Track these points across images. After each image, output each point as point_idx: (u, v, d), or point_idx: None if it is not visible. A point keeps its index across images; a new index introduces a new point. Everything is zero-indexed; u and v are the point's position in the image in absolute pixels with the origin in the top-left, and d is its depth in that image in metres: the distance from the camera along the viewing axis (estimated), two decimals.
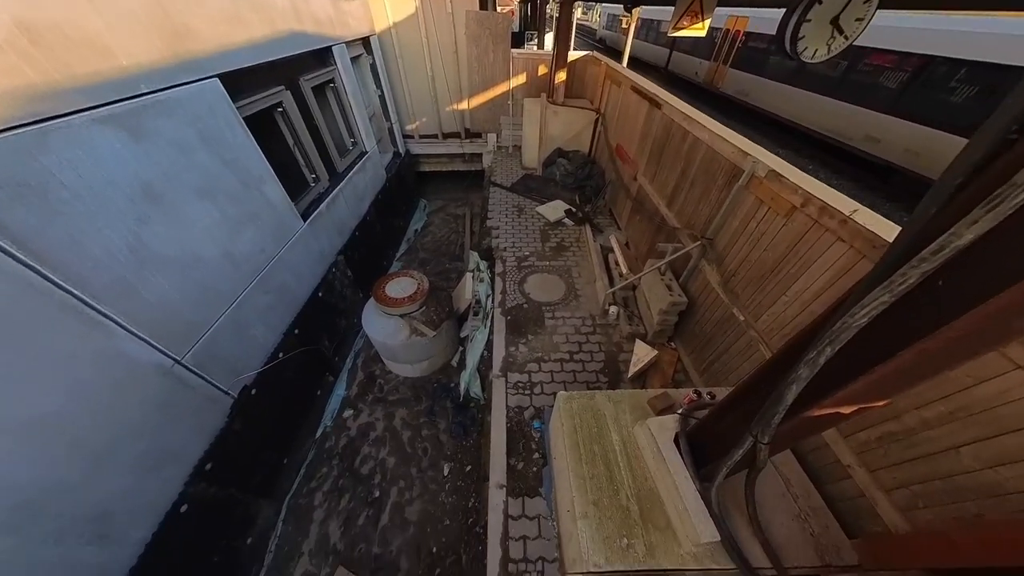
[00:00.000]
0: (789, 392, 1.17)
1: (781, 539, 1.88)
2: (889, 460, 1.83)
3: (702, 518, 1.76)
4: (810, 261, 2.32)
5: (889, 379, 1.04)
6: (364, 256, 5.86)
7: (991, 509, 1.44)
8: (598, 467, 2.21)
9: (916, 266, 0.84)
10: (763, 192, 2.70)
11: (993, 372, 1.44)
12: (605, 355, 4.10)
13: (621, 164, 5.89)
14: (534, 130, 7.44)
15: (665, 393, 2.50)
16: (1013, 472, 1.38)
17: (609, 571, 1.87)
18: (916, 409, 1.69)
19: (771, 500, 2.02)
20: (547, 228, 6.23)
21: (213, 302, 3.01)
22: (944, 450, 1.59)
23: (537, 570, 2.58)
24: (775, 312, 2.63)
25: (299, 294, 4.21)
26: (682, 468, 1.92)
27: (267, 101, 3.86)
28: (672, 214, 4.17)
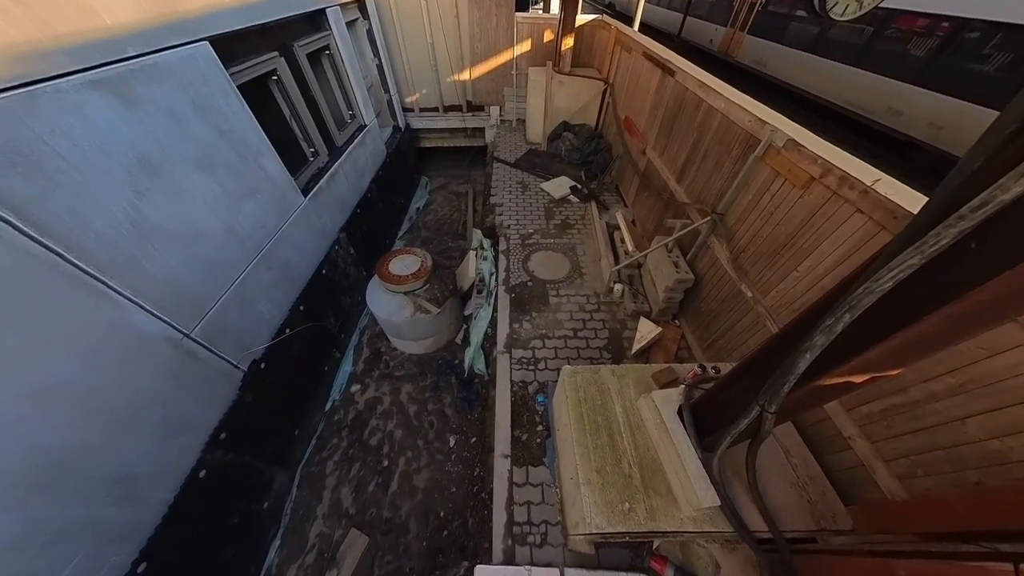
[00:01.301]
0: (802, 360, 1.15)
1: (778, 505, 1.94)
2: (891, 432, 1.85)
3: (703, 485, 1.81)
4: (825, 235, 2.26)
5: (909, 346, 1.02)
6: (366, 234, 5.80)
7: (992, 477, 1.46)
8: (601, 437, 2.26)
9: (953, 224, 0.80)
10: (780, 163, 2.59)
11: (1007, 345, 1.42)
12: (609, 332, 4.11)
13: (629, 138, 5.67)
14: (539, 102, 7.14)
15: (669, 367, 2.52)
16: (1019, 442, 1.39)
17: (610, 532, 1.95)
18: (923, 382, 1.69)
19: (771, 469, 2.07)
20: (552, 205, 6.10)
21: (218, 277, 3.01)
22: (950, 421, 1.60)
23: (540, 532, 2.71)
24: (784, 288, 2.59)
25: (303, 271, 4.20)
26: (685, 438, 1.96)
27: (261, 68, 3.69)
28: (681, 189, 4.05)
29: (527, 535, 2.71)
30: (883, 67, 8.25)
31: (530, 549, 2.65)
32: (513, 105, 8.28)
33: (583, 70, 7.18)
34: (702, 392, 2.06)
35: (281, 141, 3.85)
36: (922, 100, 7.53)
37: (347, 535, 3.57)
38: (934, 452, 1.67)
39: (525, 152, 7.55)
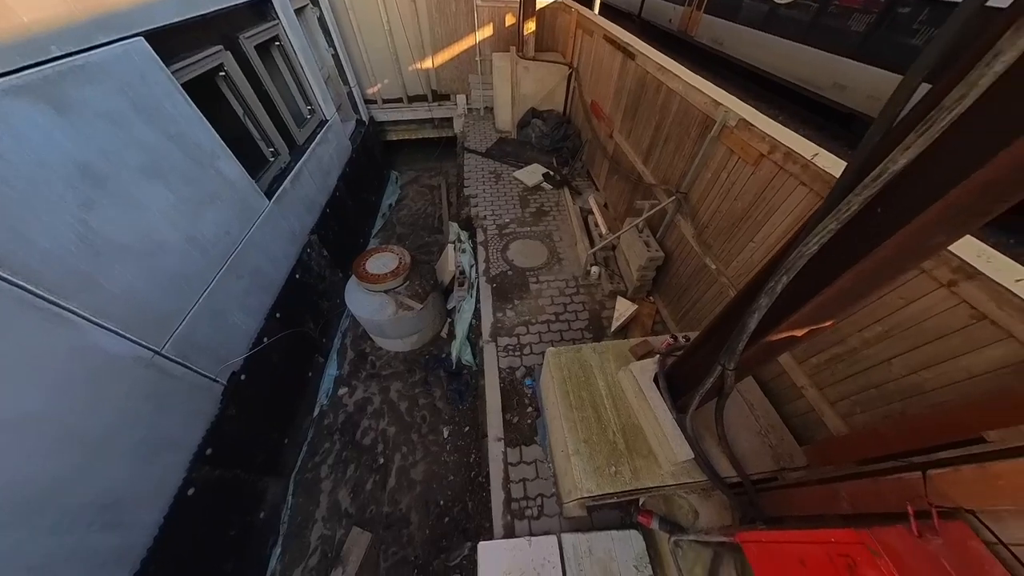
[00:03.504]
0: (751, 320, 1.31)
1: (745, 452, 2.17)
2: (835, 378, 2.10)
3: (679, 441, 2.00)
4: (775, 207, 2.46)
5: (835, 300, 1.18)
6: (338, 234, 5.64)
7: (912, 406, 1.72)
8: (587, 411, 2.42)
9: (859, 193, 0.94)
10: (733, 142, 2.77)
11: (919, 293, 1.65)
12: (589, 313, 4.29)
13: (597, 122, 5.77)
14: (505, 89, 7.07)
15: (645, 340, 2.70)
16: (931, 373, 1.64)
17: (600, 495, 2.13)
18: (859, 331, 1.93)
19: (737, 421, 2.30)
20: (526, 193, 6.15)
21: (184, 290, 2.88)
22: (879, 363, 1.85)
23: (537, 505, 2.87)
24: (743, 259, 2.81)
25: (275, 277, 4.07)
26: (661, 402, 2.14)
27: (206, 64, 3.45)
28: (648, 171, 4.21)
29: (525, 509, 2.87)
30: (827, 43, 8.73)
31: (528, 522, 2.81)
32: (479, 93, 8.15)
33: (547, 55, 7.15)
34: (674, 359, 2.24)
35: (238, 142, 3.65)
36: (862, 74, 8.07)
37: (349, 534, 3.62)
38: (868, 391, 1.92)
39: (496, 141, 7.50)
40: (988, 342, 1.44)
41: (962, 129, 0.77)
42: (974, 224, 0.92)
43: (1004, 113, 0.73)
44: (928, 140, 0.80)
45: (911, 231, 0.92)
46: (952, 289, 1.53)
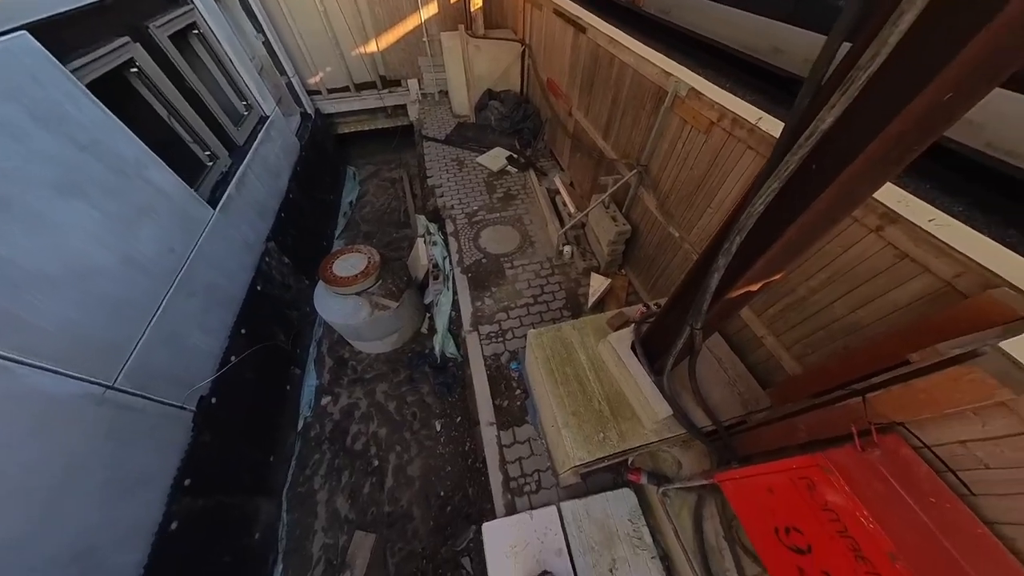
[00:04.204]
0: (713, 280, 1.40)
1: (717, 402, 2.36)
2: (789, 325, 2.31)
3: (658, 401, 2.14)
4: (727, 172, 2.59)
5: (781, 254, 1.29)
6: (298, 239, 5.32)
7: (852, 341, 1.94)
8: (572, 385, 2.51)
9: (796, 152, 1.01)
10: (685, 111, 2.86)
11: (853, 240, 1.83)
12: (565, 292, 4.38)
13: (555, 100, 5.72)
14: (458, 71, 6.80)
15: (620, 312, 2.81)
16: (866, 311, 1.85)
17: (592, 460, 2.25)
18: (805, 281, 2.12)
19: (709, 376, 2.48)
20: (491, 179, 6.05)
21: (129, 316, 2.63)
22: (825, 307, 2.05)
23: (534, 480, 3.00)
24: (703, 224, 2.96)
25: (234, 291, 3.80)
26: (639, 367, 2.26)
27: (112, 59, 3.04)
28: (609, 146, 4.27)
29: (523, 486, 2.98)
30: (764, 8, 9.04)
31: (528, 497, 2.93)
32: (432, 76, 7.79)
33: (498, 32, 6.91)
34: (648, 326, 2.37)
35: (167, 148, 3.30)
36: (797, 38, 8.48)
37: (352, 538, 3.61)
38: (817, 333, 2.14)
39: (454, 126, 7.26)
40: (909, 277, 1.64)
41: (877, 86, 0.85)
42: (892, 172, 1.03)
43: (909, 69, 0.81)
44: (850, 98, 0.87)
45: (841, 183, 1.01)
46: (879, 234, 1.70)
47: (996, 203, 4.57)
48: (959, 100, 0.82)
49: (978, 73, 0.77)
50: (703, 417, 2.27)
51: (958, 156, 4.41)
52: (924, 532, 1.21)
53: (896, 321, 1.71)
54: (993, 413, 1.17)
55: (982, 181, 4.81)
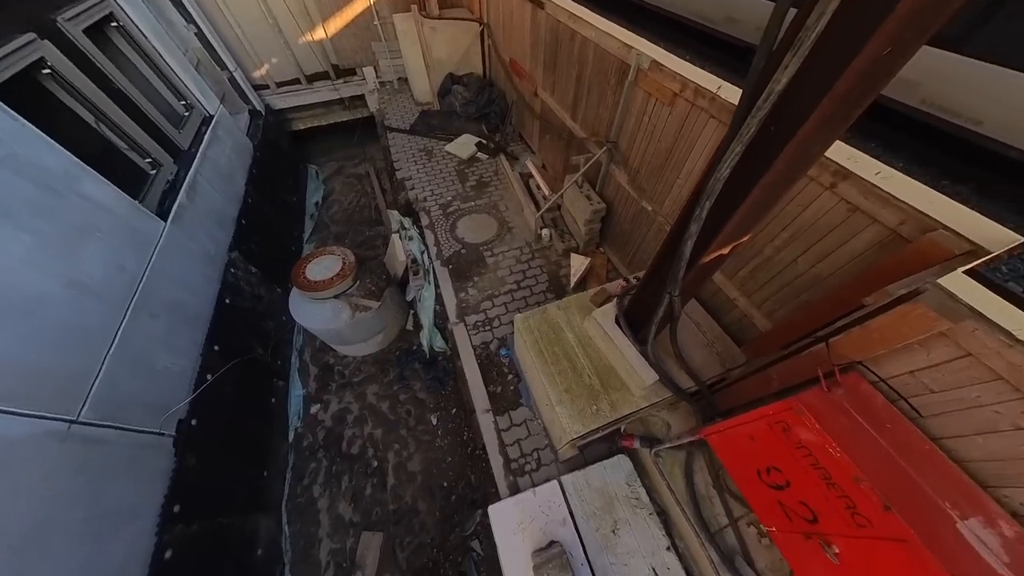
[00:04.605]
0: (687, 247, 1.46)
1: (699, 364, 2.50)
2: (758, 285, 2.45)
3: (645, 369, 2.23)
4: (693, 142, 2.66)
5: (747, 216, 1.35)
6: (264, 246, 5.04)
7: (815, 293, 2.08)
8: (562, 363, 2.58)
9: (755, 115, 1.05)
10: (649, 85, 2.88)
11: (811, 199, 1.95)
12: (548, 275, 4.43)
13: (519, 81, 5.60)
14: (416, 55, 6.50)
15: (602, 288, 2.88)
16: (825, 264, 1.99)
17: (587, 432, 2.34)
18: (770, 242, 2.25)
19: (689, 340, 2.61)
20: (462, 167, 5.92)
21: (85, 344, 2.44)
22: (789, 264, 2.19)
23: (534, 459, 3.09)
24: (674, 196, 3.04)
25: (200, 307, 3.58)
26: (624, 339, 2.35)
27: (17, 60, 2.69)
28: (577, 125, 4.26)
29: (524, 466, 3.07)
30: None
31: (529, 476, 3.02)
32: (389, 63, 7.40)
33: (454, 11, 6.61)
34: (629, 299, 2.44)
35: (101, 158, 3.00)
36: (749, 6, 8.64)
37: (360, 539, 3.61)
38: (783, 290, 2.28)
39: (418, 115, 6.98)
40: (861, 228, 1.77)
41: (824, 45, 0.89)
42: (840, 129, 1.09)
43: (851, 27, 0.85)
44: (800, 58, 0.91)
45: (797, 142, 1.07)
46: (833, 190, 1.82)
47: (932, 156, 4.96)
48: (896, 54, 0.87)
49: (910, 28, 0.82)
50: (687, 379, 2.39)
51: (898, 114, 4.72)
52: (883, 455, 1.35)
53: (852, 270, 1.85)
54: (935, 343, 1.31)
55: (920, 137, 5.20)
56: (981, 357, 1.19)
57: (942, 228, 1.47)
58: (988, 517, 1.22)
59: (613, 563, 2.35)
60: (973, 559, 1.14)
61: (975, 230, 1.41)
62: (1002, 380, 1.17)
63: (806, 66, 0.93)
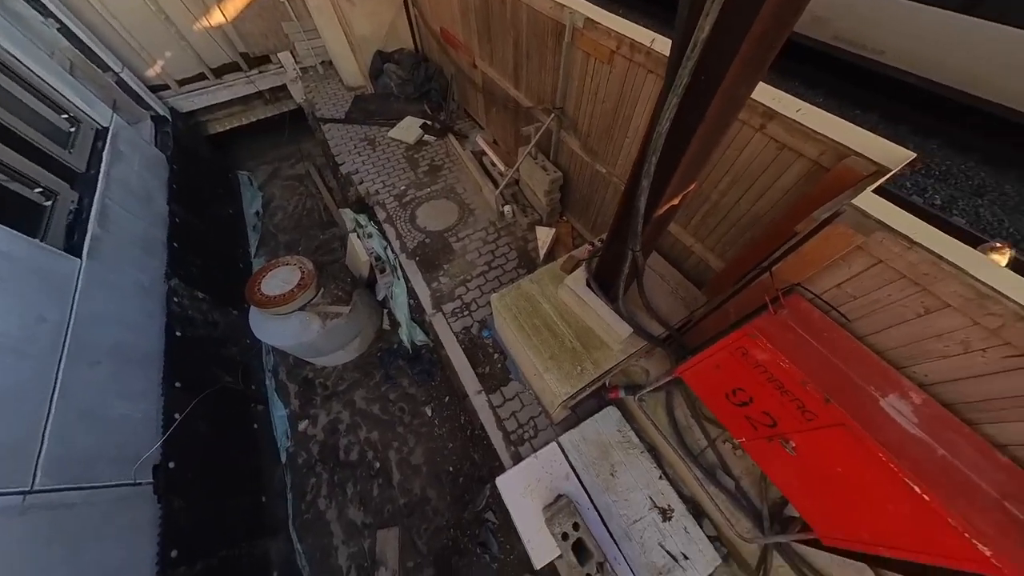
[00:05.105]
0: (640, 202, 1.53)
1: (667, 311, 2.69)
2: (709, 230, 2.64)
3: (619, 323, 2.38)
4: (636, 99, 2.71)
5: (691, 165, 1.44)
6: (206, 268, 4.60)
7: (757, 230, 2.28)
8: (543, 333, 2.67)
9: (686, 66, 1.10)
10: (586, 44, 2.85)
11: (745, 142, 2.09)
12: (516, 252, 4.45)
13: (454, 52, 5.30)
14: (336, 34, 5.90)
15: (570, 256, 2.96)
16: (763, 201, 2.17)
17: (576, 392, 2.49)
18: (715, 188, 2.40)
19: (656, 291, 2.79)
20: (410, 153, 5.64)
21: (17, 408, 2.17)
22: (733, 206, 2.36)
23: (531, 427, 3.25)
24: (625, 155, 3.12)
25: (148, 345, 3.27)
26: (597, 300, 2.46)
27: None
28: (522, 94, 4.16)
29: (523, 435, 3.22)
30: None
31: (529, 443, 3.19)
32: (307, 45, 6.67)
33: None
34: (597, 262, 2.54)
35: None
36: None
37: (376, 537, 3.68)
38: (730, 231, 2.47)
39: (352, 101, 6.46)
40: (789, 164, 1.94)
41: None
42: (761, 70, 1.17)
43: None
44: (719, 5, 0.95)
45: (725, 88, 1.13)
46: (763, 132, 1.96)
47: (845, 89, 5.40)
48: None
49: None
50: (658, 326, 2.58)
51: (814, 52, 5.05)
52: (821, 358, 1.57)
53: (785, 204, 2.04)
54: (854, 256, 1.51)
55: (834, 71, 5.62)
56: (888, 261, 1.39)
57: (854, 154, 1.65)
58: (902, 392, 1.48)
59: (615, 501, 2.60)
60: (893, 426, 1.39)
61: (880, 152, 1.60)
62: (905, 278, 1.38)
63: (725, 13, 0.97)
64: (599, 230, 4.05)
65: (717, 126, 1.30)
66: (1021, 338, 1.18)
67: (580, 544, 2.29)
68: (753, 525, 2.27)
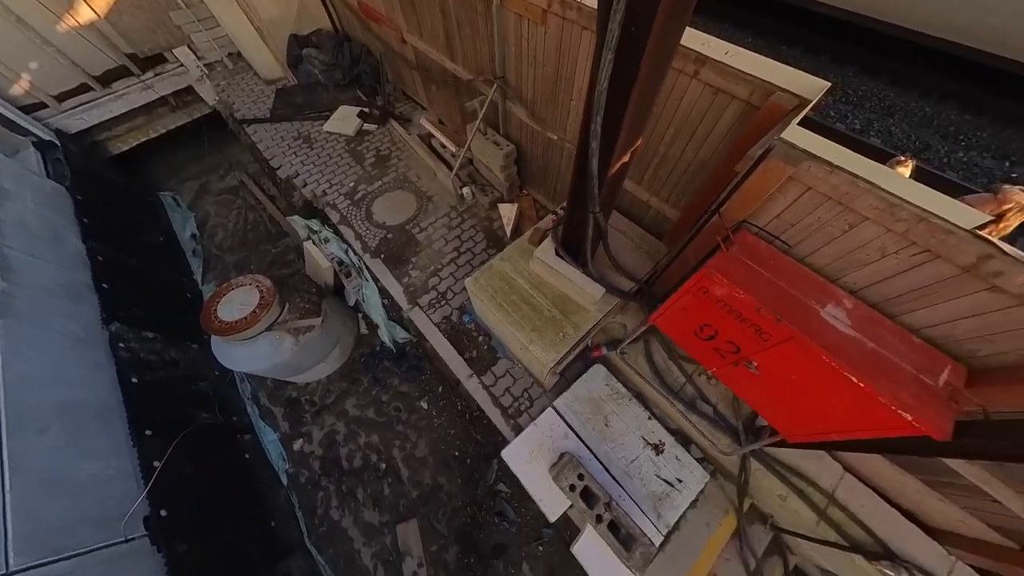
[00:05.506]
0: (593, 164, 1.56)
1: (634, 266, 2.82)
2: (662, 182, 2.74)
3: (591, 285, 2.47)
4: (575, 59, 2.67)
5: (634, 120, 1.47)
6: (149, 305, 4.19)
7: (704, 176, 2.41)
8: (522, 308, 2.73)
9: (614, 19, 1.10)
10: (516, 5, 2.73)
11: (682, 91, 2.15)
12: (483, 233, 4.41)
13: (379, 28, 4.89)
14: (238, 20, 5.22)
15: (535, 228, 2.99)
16: (707, 147, 2.27)
17: (561, 358, 2.60)
18: (661, 140, 2.48)
19: (622, 249, 2.90)
20: (353, 145, 5.27)
21: None
22: (679, 156, 2.46)
23: (526, 398, 3.38)
24: (572, 119, 3.10)
25: (101, 399, 3.00)
26: (567, 266, 2.53)
27: None
28: (460, 67, 3.96)
29: (519, 408, 3.36)
30: None
31: (527, 414, 3.33)
32: (206, 36, 5.85)
33: None
34: (561, 229, 2.58)
35: None
36: None
37: (396, 532, 3.78)
38: (681, 180, 2.59)
39: (275, 96, 5.85)
40: (724, 107, 2.03)
41: None
42: (686, 14, 1.19)
43: None
44: None
45: (655, 38, 1.15)
46: (697, 78, 2.02)
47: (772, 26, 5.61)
48: None
49: None
50: (628, 282, 2.71)
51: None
52: (770, 284, 1.74)
53: (725, 147, 2.15)
54: (788, 187, 1.64)
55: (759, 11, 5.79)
56: (816, 187, 1.54)
57: (779, 90, 1.76)
58: (837, 300, 1.68)
59: (612, 447, 2.82)
60: (832, 332, 1.59)
61: (801, 85, 1.71)
62: (831, 200, 1.54)
63: None
64: (560, 198, 4.08)
65: (654, 77, 1.33)
66: (923, 237, 1.38)
67: (587, 491, 2.48)
68: (732, 441, 2.56)
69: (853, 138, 5.32)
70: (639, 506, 2.59)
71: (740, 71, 1.82)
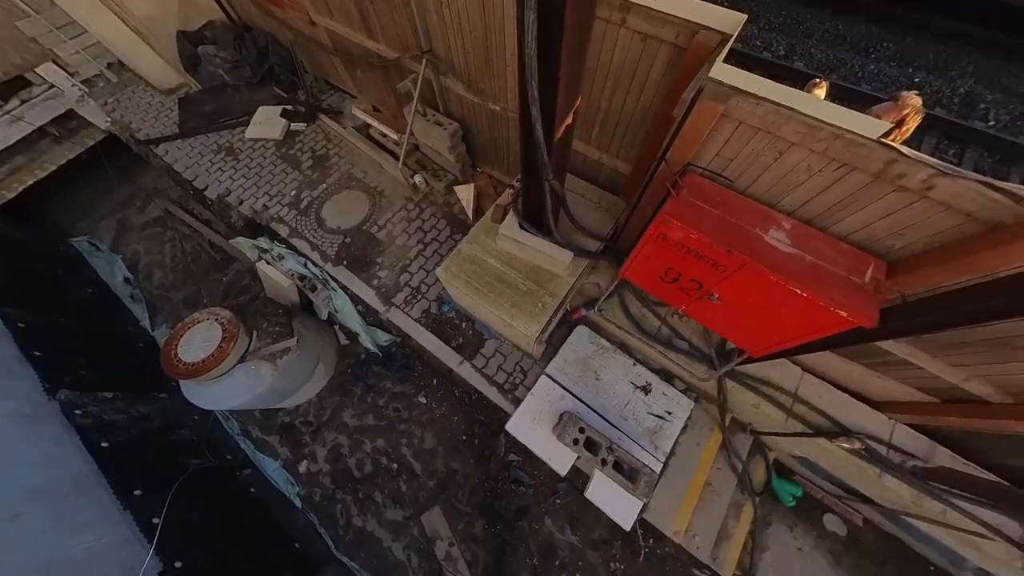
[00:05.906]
0: (537, 131, 1.55)
1: (597, 225, 2.89)
2: (609, 138, 2.77)
3: (560, 252, 2.53)
4: (500, 22, 2.54)
5: (569, 79, 1.46)
6: (97, 364, 3.82)
7: (647, 125, 2.45)
8: (497, 287, 2.76)
9: None
10: None
11: (613, 42, 2.13)
12: (445, 219, 4.31)
13: (283, 12, 4.36)
14: (106, 21, 4.45)
15: (496, 205, 2.96)
16: (645, 96, 2.30)
17: (544, 327, 2.69)
18: (600, 95, 2.47)
19: (581, 211, 2.96)
20: (284, 150, 4.84)
21: None
22: (621, 109, 2.48)
23: (519, 371, 3.50)
24: (511, 86, 3.00)
25: (73, 472, 2.79)
26: (533, 237, 2.57)
27: None
28: (382, 45, 3.66)
29: (515, 382, 3.48)
30: None
31: (523, 386, 3.46)
32: (73, 47, 4.96)
33: None
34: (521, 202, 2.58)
35: None
36: None
37: (421, 522, 3.93)
38: (627, 133, 2.63)
39: (178, 106, 5.17)
40: (655, 53, 2.05)
41: None
42: None
43: None
44: None
45: None
46: (625, 26, 2.00)
47: None
48: None
49: None
50: (594, 242, 2.80)
51: None
52: (719, 220, 1.86)
53: (661, 93, 2.19)
54: (722, 124, 1.72)
55: None
56: (746, 120, 1.63)
57: (702, 28, 1.79)
58: (778, 224, 1.84)
59: (606, 397, 3.02)
60: (776, 252, 1.76)
61: (721, 21, 1.75)
62: (761, 130, 1.64)
63: None
64: (515, 171, 4.02)
65: (580, 30, 1.31)
66: (839, 152, 1.51)
67: (589, 441, 2.68)
68: (708, 368, 2.82)
69: (779, 64, 5.55)
70: (637, 443, 2.84)
71: (664, 13, 1.83)
